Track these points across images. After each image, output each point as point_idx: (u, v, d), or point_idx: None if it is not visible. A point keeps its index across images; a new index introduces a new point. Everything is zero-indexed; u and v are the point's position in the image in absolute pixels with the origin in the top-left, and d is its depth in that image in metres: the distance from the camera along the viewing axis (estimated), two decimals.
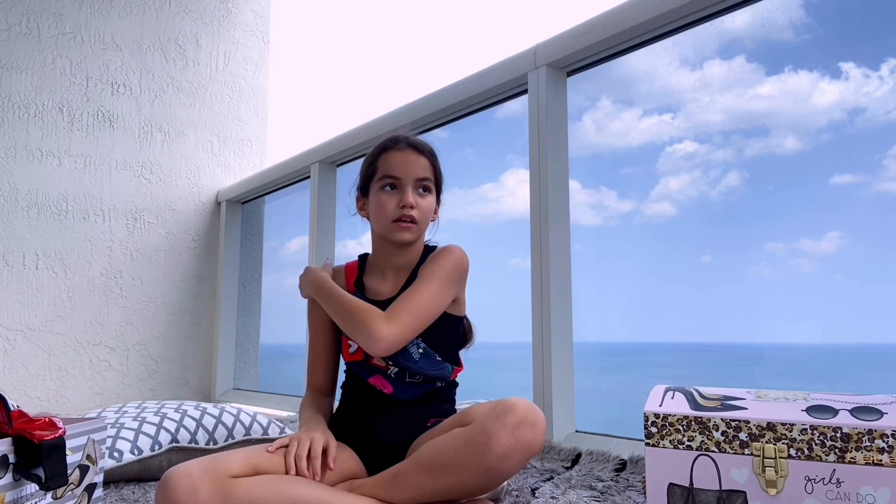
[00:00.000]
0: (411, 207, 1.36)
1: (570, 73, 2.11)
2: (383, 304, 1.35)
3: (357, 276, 1.47)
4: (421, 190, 1.39)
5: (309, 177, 3.26)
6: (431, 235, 1.50)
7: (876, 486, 0.98)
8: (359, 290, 1.44)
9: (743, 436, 1.06)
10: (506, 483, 1.41)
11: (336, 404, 1.49)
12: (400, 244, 1.40)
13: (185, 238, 3.86)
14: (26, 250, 3.40)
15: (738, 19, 1.87)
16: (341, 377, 1.49)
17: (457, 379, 1.44)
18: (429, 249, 1.46)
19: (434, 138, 2.62)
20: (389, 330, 1.26)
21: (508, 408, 1.12)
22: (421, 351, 1.34)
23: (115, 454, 1.64)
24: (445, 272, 1.35)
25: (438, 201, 1.46)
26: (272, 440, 1.92)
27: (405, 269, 1.43)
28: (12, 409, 1.11)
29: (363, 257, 1.51)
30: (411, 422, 1.34)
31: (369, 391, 1.39)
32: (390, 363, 1.35)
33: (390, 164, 1.38)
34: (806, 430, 1.03)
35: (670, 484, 1.10)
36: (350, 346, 1.40)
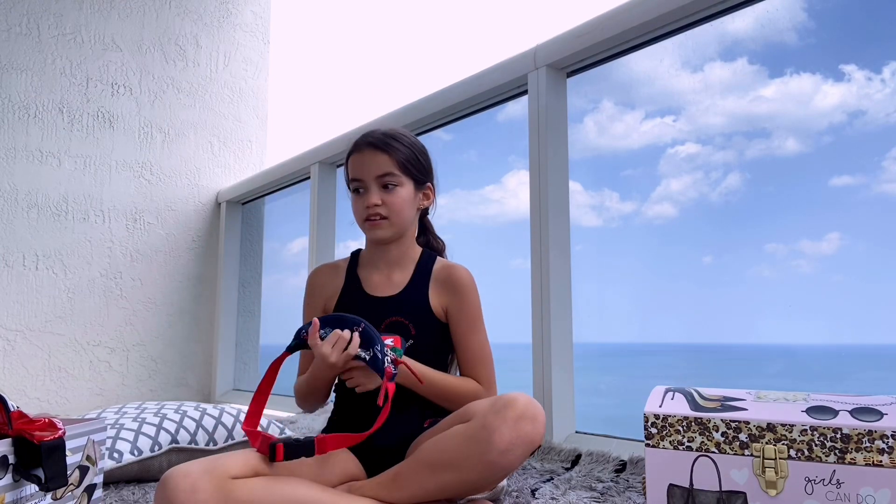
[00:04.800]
0: (376, 206, 1.39)
1: (570, 74, 2.11)
2: (386, 302, 1.41)
3: (351, 268, 1.49)
4: (387, 186, 1.40)
5: (309, 177, 3.26)
6: (433, 214, 1.54)
7: (876, 487, 0.98)
8: (354, 282, 1.46)
9: (743, 437, 1.06)
10: (505, 483, 1.42)
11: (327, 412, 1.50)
12: (377, 242, 1.45)
13: (185, 239, 3.86)
14: (26, 251, 3.40)
15: (740, 21, 1.87)
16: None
17: None
18: (429, 255, 1.48)
19: (437, 140, 2.63)
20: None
21: (508, 402, 1.13)
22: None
23: (115, 455, 1.64)
24: (480, 307, 1.45)
25: (422, 186, 1.46)
26: None
27: (400, 266, 1.45)
28: (12, 409, 1.11)
29: (356, 253, 1.53)
30: (408, 423, 1.34)
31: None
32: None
33: (353, 167, 1.43)
34: (806, 430, 1.03)
35: (670, 485, 1.10)
36: None
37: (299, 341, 1.30)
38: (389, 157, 1.40)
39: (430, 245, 1.53)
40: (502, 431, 1.10)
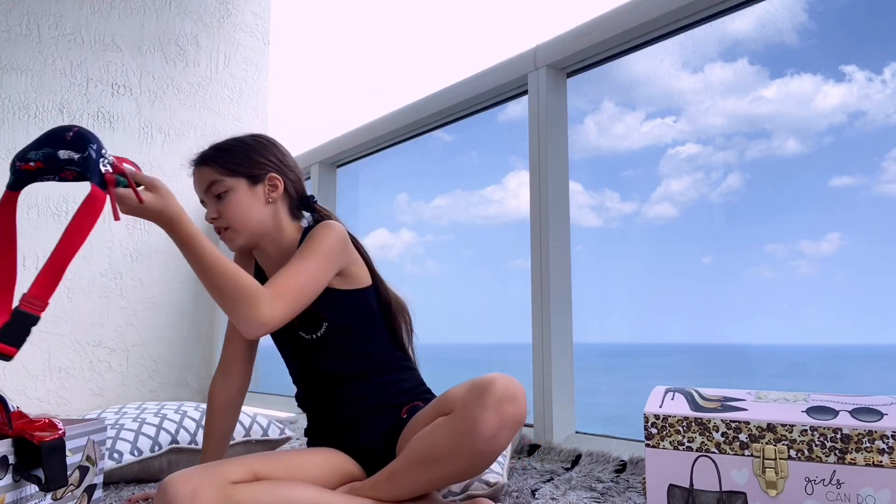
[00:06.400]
0: (214, 220, 1.40)
1: (570, 74, 2.11)
2: None
3: (258, 273, 1.49)
4: (220, 196, 1.39)
5: (309, 177, 3.26)
6: (321, 200, 1.50)
7: (876, 488, 0.98)
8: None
9: (743, 437, 1.06)
10: (505, 482, 1.42)
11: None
12: (239, 252, 1.46)
13: None
14: (26, 251, 3.40)
15: (740, 21, 1.87)
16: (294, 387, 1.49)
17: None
18: (306, 230, 1.41)
19: (438, 140, 2.63)
20: (274, 313, 1.18)
21: (485, 387, 1.11)
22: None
23: (115, 455, 1.64)
24: (323, 248, 1.30)
25: (260, 179, 1.38)
26: (272, 441, 1.93)
27: (287, 260, 1.33)
28: (12, 409, 1.11)
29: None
30: (387, 420, 1.34)
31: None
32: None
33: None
34: (806, 431, 1.03)
35: (670, 485, 1.10)
36: None
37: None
38: (208, 167, 1.40)
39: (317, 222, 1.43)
40: (486, 419, 1.09)
